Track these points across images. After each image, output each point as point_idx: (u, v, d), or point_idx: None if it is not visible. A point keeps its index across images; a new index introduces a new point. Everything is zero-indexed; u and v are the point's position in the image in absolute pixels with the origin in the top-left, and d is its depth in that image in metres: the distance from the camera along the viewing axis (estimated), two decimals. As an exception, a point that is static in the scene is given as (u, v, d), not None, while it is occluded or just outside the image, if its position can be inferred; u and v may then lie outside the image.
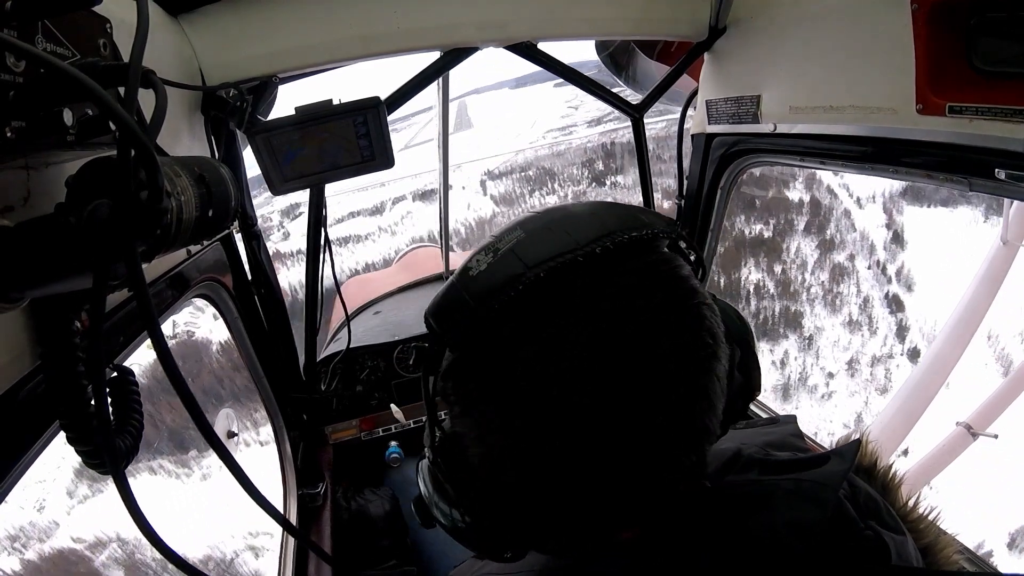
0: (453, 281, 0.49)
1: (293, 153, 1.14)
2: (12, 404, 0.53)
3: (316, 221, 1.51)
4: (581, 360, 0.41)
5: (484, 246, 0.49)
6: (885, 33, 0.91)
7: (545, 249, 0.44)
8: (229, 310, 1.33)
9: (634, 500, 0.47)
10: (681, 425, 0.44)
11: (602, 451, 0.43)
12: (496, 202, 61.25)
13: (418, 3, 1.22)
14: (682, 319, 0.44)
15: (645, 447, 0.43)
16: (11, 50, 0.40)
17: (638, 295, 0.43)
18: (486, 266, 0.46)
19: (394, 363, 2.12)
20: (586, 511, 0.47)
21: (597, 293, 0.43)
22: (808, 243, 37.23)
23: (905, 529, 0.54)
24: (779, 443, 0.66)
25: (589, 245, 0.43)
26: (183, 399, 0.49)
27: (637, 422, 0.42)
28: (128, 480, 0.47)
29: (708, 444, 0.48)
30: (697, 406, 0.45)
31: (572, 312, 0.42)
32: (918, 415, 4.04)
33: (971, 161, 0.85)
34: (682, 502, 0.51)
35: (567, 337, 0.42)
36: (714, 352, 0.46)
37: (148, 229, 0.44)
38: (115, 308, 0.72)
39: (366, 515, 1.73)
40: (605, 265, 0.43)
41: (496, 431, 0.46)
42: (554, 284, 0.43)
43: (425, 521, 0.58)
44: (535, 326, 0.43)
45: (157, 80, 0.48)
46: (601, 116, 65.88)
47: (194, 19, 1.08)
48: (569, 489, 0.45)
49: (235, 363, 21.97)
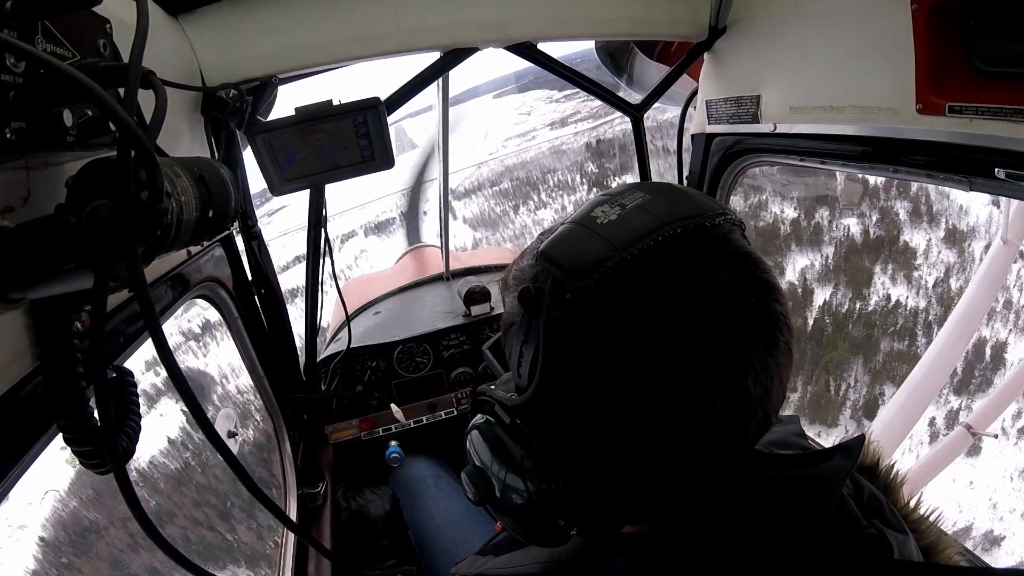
0: (574, 227, 0.49)
1: (293, 154, 1.14)
2: (12, 404, 0.53)
3: (316, 221, 1.51)
4: (717, 319, 0.43)
5: (600, 201, 0.50)
6: (885, 33, 0.91)
7: (674, 209, 0.46)
8: (229, 311, 1.33)
9: (709, 464, 0.48)
10: (778, 395, 0.47)
11: (716, 407, 0.44)
12: (473, 226, 53.87)
13: (418, 3, 1.22)
14: (775, 290, 0.47)
15: (751, 408, 0.45)
16: (11, 51, 0.40)
17: (754, 269, 0.47)
18: (616, 216, 0.47)
19: (394, 363, 2.12)
20: (674, 475, 0.48)
21: (721, 259, 0.46)
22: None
23: (907, 529, 0.55)
24: (782, 441, 0.66)
25: (712, 215, 0.47)
26: (184, 398, 0.49)
27: (755, 383, 0.44)
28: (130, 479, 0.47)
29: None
30: (786, 382, 0.48)
31: (705, 274, 0.45)
32: (918, 415, 4.04)
33: (971, 161, 0.85)
34: (692, 498, 0.51)
35: (703, 291, 0.44)
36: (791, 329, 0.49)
37: (148, 229, 0.44)
38: (115, 309, 0.72)
39: (366, 515, 1.73)
40: (722, 236, 0.47)
41: (614, 382, 0.44)
42: (688, 242, 0.45)
43: (482, 496, 0.54)
44: (675, 280, 0.44)
45: (157, 81, 0.48)
46: (565, 117, 61.95)
47: (194, 19, 1.08)
48: (667, 450, 0.45)
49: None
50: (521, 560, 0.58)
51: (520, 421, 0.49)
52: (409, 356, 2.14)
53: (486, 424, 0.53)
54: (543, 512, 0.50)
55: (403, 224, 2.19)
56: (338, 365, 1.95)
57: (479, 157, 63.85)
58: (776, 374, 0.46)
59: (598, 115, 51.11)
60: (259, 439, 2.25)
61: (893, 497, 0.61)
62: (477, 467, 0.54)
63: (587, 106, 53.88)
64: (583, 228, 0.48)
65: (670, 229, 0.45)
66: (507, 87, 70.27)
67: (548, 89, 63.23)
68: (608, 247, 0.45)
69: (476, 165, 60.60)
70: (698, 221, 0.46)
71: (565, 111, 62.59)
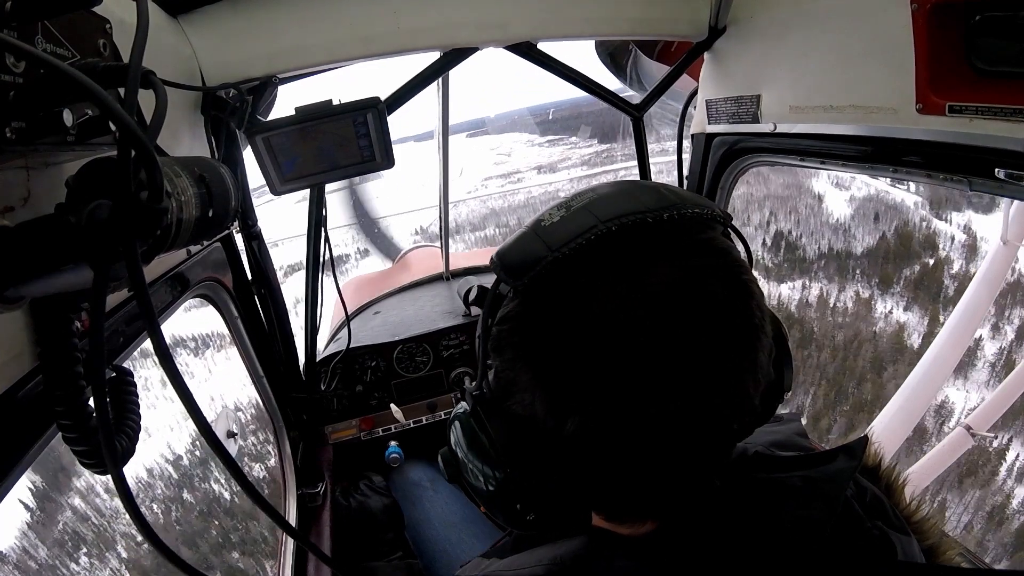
0: (525, 230, 0.51)
1: (293, 153, 1.14)
2: (12, 404, 0.53)
3: (316, 221, 1.51)
4: (648, 312, 0.43)
5: (556, 205, 0.52)
6: (885, 33, 0.90)
7: (617, 207, 0.47)
8: (229, 310, 1.33)
9: (678, 464, 0.47)
10: (733, 389, 0.45)
11: (657, 404, 0.43)
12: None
13: (418, 3, 1.22)
14: (737, 289, 0.46)
15: (699, 403, 0.44)
16: (11, 51, 0.40)
17: (698, 260, 0.46)
18: (559, 218, 0.49)
19: (394, 363, 2.12)
20: (627, 473, 0.48)
21: (662, 253, 0.45)
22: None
23: (909, 530, 0.55)
24: (784, 442, 0.66)
25: (658, 211, 0.46)
26: (183, 399, 0.48)
27: (695, 376, 0.43)
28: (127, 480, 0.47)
29: (749, 417, 0.49)
30: (748, 376, 0.46)
31: (640, 268, 0.44)
32: (918, 415, 4.04)
33: (971, 161, 0.85)
34: (696, 499, 0.51)
35: (635, 291, 0.43)
36: (762, 325, 0.47)
37: (148, 229, 0.44)
38: (115, 308, 0.72)
39: (367, 510, 1.73)
40: (671, 230, 0.46)
41: (552, 379, 0.46)
42: (624, 239, 0.45)
43: (452, 475, 0.59)
44: (606, 276, 0.45)
45: (157, 80, 0.48)
46: (553, 163, 59.81)
47: (194, 19, 1.08)
48: (616, 445, 0.45)
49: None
50: (525, 562, 0.58)
51: (479, 407, 0.54)
52: (409, 356, 2.14)
53: (462, 411, 0.58)
54: (503, 497, 0.54)
55: (377, 249, 2.10)
56: (338, 365, 1.95)
57: (455, 195, 60.44)
58: (725, 368, 0.45)
59: (592, 163, 49.23)
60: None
61: (895, 498, 0.61)
62: (450, 447, 0.60)
63: (577, 153, 52.01)
64: (529, 232, 0.51)
65: (604, 227, 0.45)
66: (466, 131, 66.34)
67: (522, 132, 60.23)
68: (544, 248, 0.47)
69: (453, 204, 55.80)
70: (639, 217, 0.46)
71: (552, 156, 60.50)
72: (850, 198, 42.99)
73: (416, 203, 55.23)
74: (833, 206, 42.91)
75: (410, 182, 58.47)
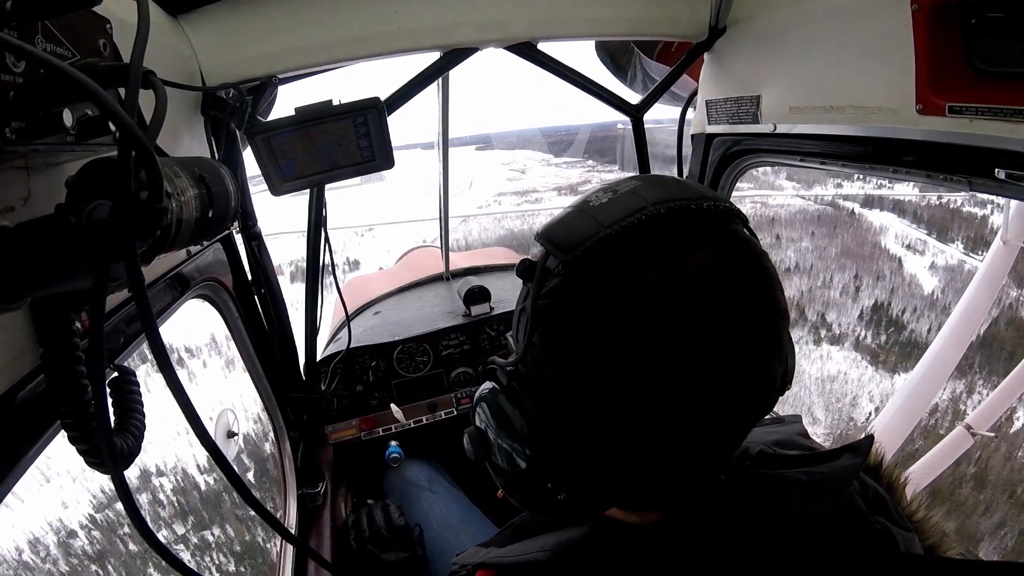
0: (571, 209, 0.52)
1: (293, 154, 1.14)
2: (12, 404, 0.53)
3: (316, 221, 1.51)
4: (694, 294, 0.44)
5: (599, 189, 0.53)
6: (885, 33, 0.90)
7: (662, 193, 0.49)
8: (229, 311, 1.33)
9: (700, 453, 0.48)
10: (762, 378, 0.47)
11: (699, 384, 0.44)
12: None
13: (418, 3, 1.22)
14: (765, 277, 0.49)
15: (730, 392, 0.45)
16: (11, 50, 0.40)
17: (732, 249, 0.48)
18: (607, 199, 0.50)
19: (394, 363, 2.12)
20: (651, 458, 0.48)
21: (703, 239, 0.48)
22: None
23: (911, 528, 0.55)
24: (787, 442, 0.66)
25: (699, 199, 0.49)
26: (178, 400, 0.48)
27: (728, 364, 0.44)
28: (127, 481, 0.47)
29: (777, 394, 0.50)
30: (776, 364, 0.48)
31: (683, 250, 0.46)
32: (918, 415, 4.04)
33: (971, 161, 0.85)
34: (703, 491, 0.52)
35: (678, 274, 0.45)
36: (787, 313, 0.50)
37: (148, 229, 0.44)
38: (115, 308, 0.72)
39: (372, 531, 1.66)
40: (709, 220, 0.49)
41: (592, 357, 0.46)
42: (671, 221, 0.47)
43: (478, 455, 0.58)
44: (652, 256, 0.46)
45: (157, 81, 0.48)
46: (573, 184, 53.70)
47: (194, 19, 1.08)
48: (645, 430, 0.46)
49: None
50: (527, 548, 0.58)
51: (515, 383, 0.52)
52: (409, 356, 2.14)
53: (490, 390, 0.56)
54: (533, 475, 0.52)
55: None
56: (338, 365, 1.95)
57: (464, 209, 55.30)
58: (757, 358, 0.46)
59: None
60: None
61: (896, 497, 0.61)
62: (477, 427, 0.58)
63: (598, 176, 49.36)
64: (576, 210, 0.51)
65: (654, 209, 0.47)
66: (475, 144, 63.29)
67: (535, 150, 56.97)
68: (595, 224, 0.48)
69: (462, 218, 48.36)
70: (684, 203, 0.48)
71: (571, 178, 57.81)
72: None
73: (422, 213, 50.78)
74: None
75: (416, 190, 55.92)
